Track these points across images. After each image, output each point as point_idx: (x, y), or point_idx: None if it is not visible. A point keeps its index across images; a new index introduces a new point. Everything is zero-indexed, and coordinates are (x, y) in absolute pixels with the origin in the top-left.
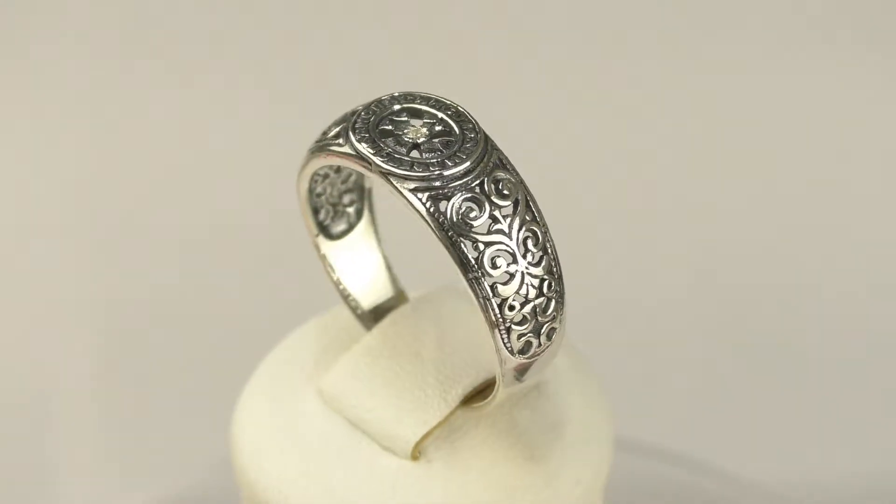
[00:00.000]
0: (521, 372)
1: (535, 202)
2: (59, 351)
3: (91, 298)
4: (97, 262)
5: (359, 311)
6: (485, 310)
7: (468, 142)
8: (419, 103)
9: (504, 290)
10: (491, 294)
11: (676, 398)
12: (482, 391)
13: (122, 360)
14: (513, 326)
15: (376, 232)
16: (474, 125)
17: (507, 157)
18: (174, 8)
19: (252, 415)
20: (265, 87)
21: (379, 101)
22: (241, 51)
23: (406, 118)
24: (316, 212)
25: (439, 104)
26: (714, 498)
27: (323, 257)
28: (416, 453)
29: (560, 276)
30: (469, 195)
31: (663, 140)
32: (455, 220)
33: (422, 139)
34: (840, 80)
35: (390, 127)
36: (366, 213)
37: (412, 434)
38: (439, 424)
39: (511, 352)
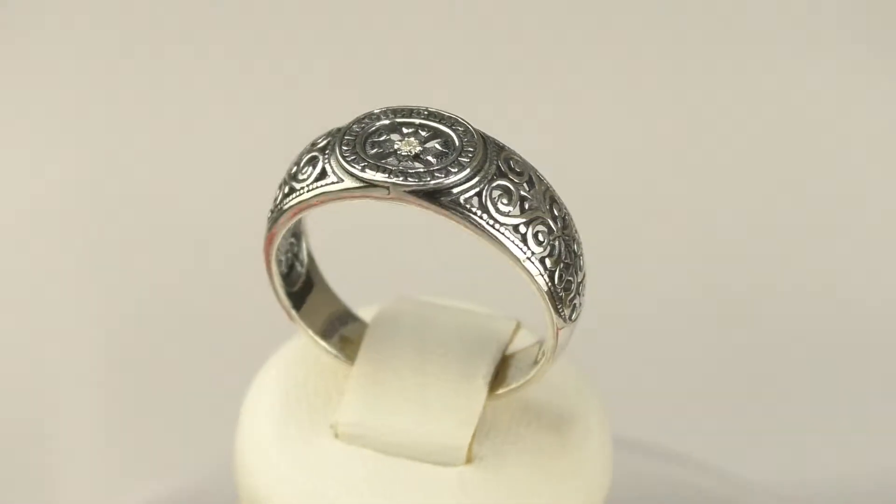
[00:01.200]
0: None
1: (539, 171)
2: (59, 350)
3: (91, 298)
4: (98, 260)
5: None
6: (539, 287)
7: (463, 136)
8: (387, 117)
9: (550, 263)
10: (542, 269)
11: (676, 398)
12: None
13: (123, 358)
14: (563, 295)
15: (319, 269)
16: (455, 119)
17: (498, 139)
18: (174, 8)
19: (269, 467)
20: (267, 87)
21: (348, 129)
22: (242, 51)
23: (386, 135)
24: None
25: (408, 111)
26: (714, 498)
27: (296, 321)
28: (471, 456)
29: (576, 230)
30: (494, 184)
31: (661, 139)
32: (492, 212)
33: (417, 149)
34: (843, 80)
35: (378, 149)
36: (306, 257)
37: (462, 438)
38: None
39: (565, 319)
